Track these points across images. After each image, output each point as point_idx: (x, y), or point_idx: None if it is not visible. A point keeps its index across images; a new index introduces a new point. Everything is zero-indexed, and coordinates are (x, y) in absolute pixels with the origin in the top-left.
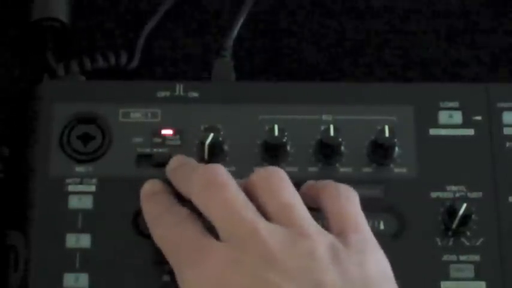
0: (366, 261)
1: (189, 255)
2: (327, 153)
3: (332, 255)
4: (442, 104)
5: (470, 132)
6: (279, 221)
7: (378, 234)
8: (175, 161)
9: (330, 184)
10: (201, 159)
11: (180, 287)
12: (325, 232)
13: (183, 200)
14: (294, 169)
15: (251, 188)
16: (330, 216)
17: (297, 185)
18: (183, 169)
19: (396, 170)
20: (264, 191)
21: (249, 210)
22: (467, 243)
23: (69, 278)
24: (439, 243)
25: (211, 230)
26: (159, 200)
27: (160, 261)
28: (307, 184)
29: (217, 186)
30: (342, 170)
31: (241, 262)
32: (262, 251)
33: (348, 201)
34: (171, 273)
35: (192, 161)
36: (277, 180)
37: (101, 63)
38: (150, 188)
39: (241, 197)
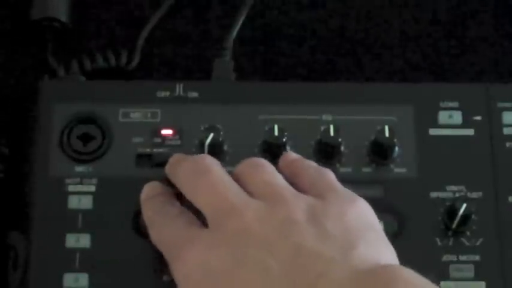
0: (344, 214)
1: (176, 247)
2: (327, 153)
3: (309, 214)
4: (442, 104)
5: (470, 132)
6: (259, 195)
7: None
8: (174, 159)
9: (307, 166)
10: None
11: (175, 281)
12: (302, 195)
13: (182, 198)
14: None
15: (236, 178)
16: (306, 184)
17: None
18: (178, 164)
19: (396, 170)
20: (247, 176)
21: (230, 189)
22: (467, 243)
23: (69, 278)
24: (439, 243)
25: (204, 220)
26: (154, 203)
27: (160, 261)
28: (285, 160)
29: (202, 172)
30: (342, 170)
31: (222, 244)
32: (240, 227)
33: (321, 171)
34: (171, 273)
35: (188, 157)
36: (257, 165)
37: (101, 63)
38: (148, 191)
39: (225, 179)
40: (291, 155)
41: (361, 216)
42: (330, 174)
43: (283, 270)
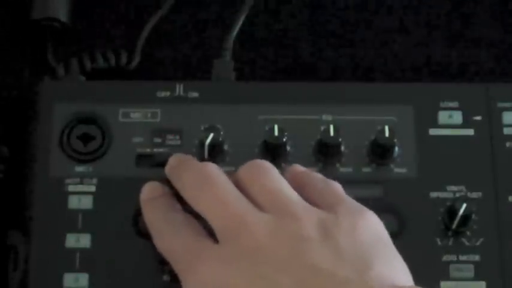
0: (356, 228)
1: (186, 261)
2: (327, 153)
3: (321, 229)
4: (442, 104)
5: (470, 132)
6: (268, 208)
7: None
8: (174, 160)
9: (314, 178)
10: (201, 159)
11: None
12: (313, 208)
13: (183, 200)
14: None
15: (239, 183)
16: (315, 196)
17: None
18: (179, 168)
19: (396, 170)
20: (252, 182)
21: (239, 204)
22: (467, 243)
23: (69, 278)
24: (439, 243)
25: (210, 230)
26: (156, 206)
27: (160, 261)
28: (292, 172)
29: (207, 183)
30: (342, 170)
31: (235, 261)
32: (252, 244)
33: (329, 184)
34: (171, 273)
35: (191, 159)
36: (262, 170)
37: (101, 63)
38: (148, 192)
39: (231, 191)
40: (298, 168)
41: (372, 229)
42: (338, 186)
43: None
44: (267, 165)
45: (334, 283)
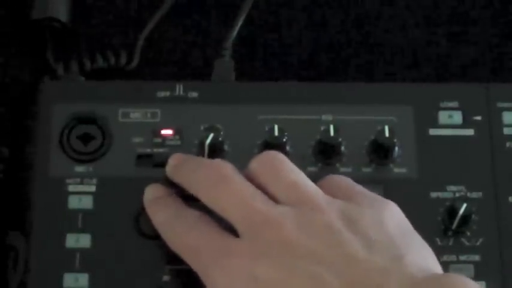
0: (381, 219)
1: (212, 257)
2: (327, 153)
3: (346, 220)
4: (442, 104)
5: (470, 132)
6: (288, 201)
7: None
8: (175, 159)
9: (329, 175)
10: None
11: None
12: (333, 199)
13: (188, 200)
14: None
15: (254, 176)
16: (333, 189)
17: None
18: (186, 166)
19: (396, 170)
20: (267, 176)
21: (258, 200)
22: (467, 243)
23: (69, 278)
24: (439, 243)
25: (225, 228)
26: (165, 204)
27: (160, 261)
28: None
29: (224, 181)
30: (342, 170)
31: (267, 253)
32: (282, 239)
33: (345, 178)
34: (171, 273)
35: (192, 157)
36: (277, 162)
37: (100, 63)
38: (152, 192)
39: (248, 188)
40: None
41: (397, 220)
42: (351, 180)
43: (341, 283)
44: (281, 156)
45: (375, 272)
